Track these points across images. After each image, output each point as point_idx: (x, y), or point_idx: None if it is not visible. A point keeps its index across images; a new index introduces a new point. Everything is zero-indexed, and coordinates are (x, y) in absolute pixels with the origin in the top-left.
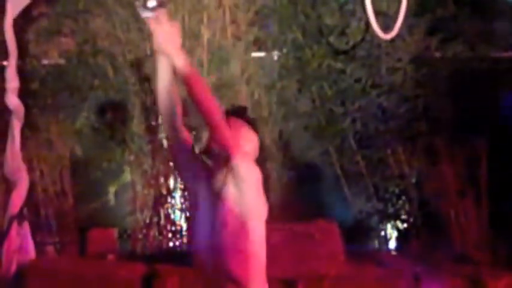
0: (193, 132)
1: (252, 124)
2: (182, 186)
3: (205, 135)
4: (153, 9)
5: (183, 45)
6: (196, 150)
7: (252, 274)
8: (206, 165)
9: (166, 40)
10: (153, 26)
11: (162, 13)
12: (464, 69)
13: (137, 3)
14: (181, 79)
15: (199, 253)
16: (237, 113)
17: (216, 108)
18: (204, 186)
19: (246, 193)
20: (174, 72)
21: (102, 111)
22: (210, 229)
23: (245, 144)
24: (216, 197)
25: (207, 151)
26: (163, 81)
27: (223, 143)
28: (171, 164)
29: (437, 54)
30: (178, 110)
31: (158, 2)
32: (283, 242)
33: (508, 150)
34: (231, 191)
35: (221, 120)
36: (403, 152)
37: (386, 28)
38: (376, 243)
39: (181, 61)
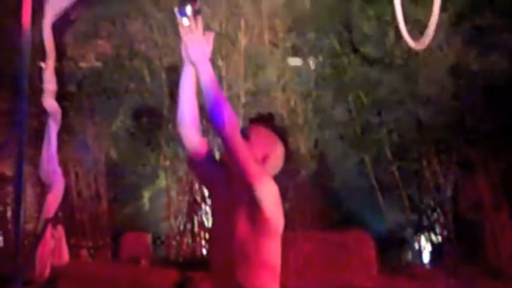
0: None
1: (279, 132)
2: None
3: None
4: (188, 15)
5: (220, 51)
6: (216, 157)
7: (261, 285)
8: (225, 171)
9: (196, 49)
10: (185, 33)
11: (197, 21)
12: (502, 81)
13: (175, 9)
14: (205, 96)
15: (213, 259)
16: (262, 120)
17: (240, 141)
18: (222, 192)
19: (262, 211)
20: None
21: (138, 115)
22: (223, 236)
23: (268, 156)
24: (232, 204)
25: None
26: (187, 91)
27: (248, 178)
28: None
29: (475, 66)
30: (197, 119)
31: (194, 9)
32: (316, 251)
33: None
34: (246, 205)
35: (246, 155)
36: (438, 164)
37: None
38: (409, 256)
39: (207, 74)
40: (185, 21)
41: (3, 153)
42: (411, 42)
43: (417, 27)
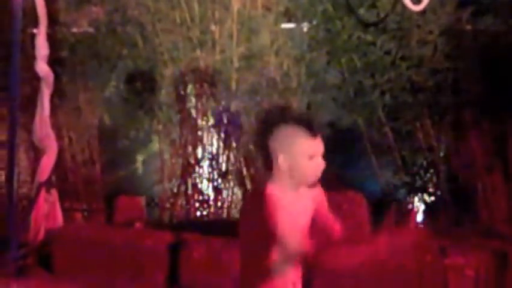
0: None
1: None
2: (210, 156)
3: None
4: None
5: (213, 16)
6: None
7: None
8: None
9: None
10: None
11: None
12: (495, 42)
13: None
14: None
15: None
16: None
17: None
18: None
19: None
20: None
21: (131, 81)
22: None
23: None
24: None
25: None
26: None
27: None
28: (199, 134)
29: (468, 27)
30: None
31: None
32: None
33: None
34: None
35: None
36: (431, 126)
37: (417, 0)
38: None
39: None
40: None
41: None
42: (410, 4)
43: None
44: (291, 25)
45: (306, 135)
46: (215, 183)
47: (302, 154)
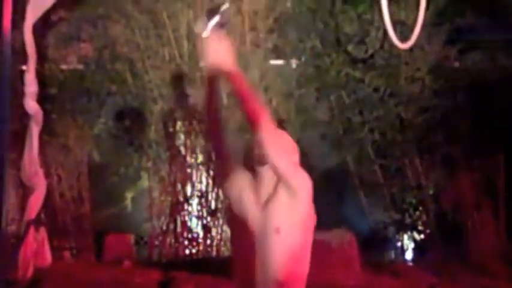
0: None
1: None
2: (199, 194)
3: (255, 145)
4: (212, 28)
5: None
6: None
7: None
8: (254, 176)
9: (219, 57)
10: (207, 44)
11: (220, 33)
12: (483, 79)
13: (198, 22)
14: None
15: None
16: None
17: (253, 95)
18: (250, 200)
19: (298, 205)
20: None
21: (120, 117)
22: (257, 243)
23: (292, 154)
24: (263, 209)
25: (260, 160)
26: (215, 101)
27: (253, 117)
28: (189, 171)
29: (456, 64)
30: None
31: (220, 22)
32: None
33: None
34: (280, 203)
35: (255, 100)
36: (420, 163)
37: (405, 38)
38: (392, 254)
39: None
40: (206, 33)
41: None
42: (397, 42)
43: (397, 27)
44: (279, 61)
45: None
46: (204, 221)
47: None
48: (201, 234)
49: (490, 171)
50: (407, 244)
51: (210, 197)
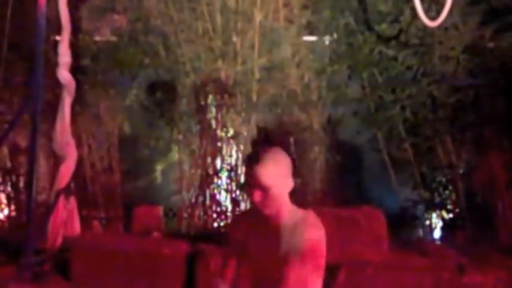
0: None
1: (284, 145)
2: (229, 168)
3: None
4: None
5: (236, 27)
6: None
7: None
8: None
9: None
10: None
11: None
12: None
13: None
14: None
15: None
16: (273, 143)
17: None
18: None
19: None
20: None
21: (152, 90)
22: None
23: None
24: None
25: None
26: None
27: None
28: (219, 145)
29: (491, 45)
30: None
31: None
32: (327, 227)
33: None
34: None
35: None
36: (451, 142)
37: (439, 16)
38: (421, 233)
39: None
40: None
41: (17, 125)
42: (426, 21)
43: (434, 6)
44: (312, 38)
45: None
46: (233, 195)
47: None
48: (230, 207)
49: None
50: (436, 223)
51: (239, 171)
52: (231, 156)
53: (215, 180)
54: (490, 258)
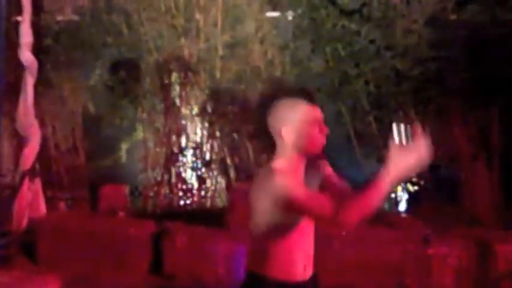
0: None
1: (307, 97)
2: (194, 145)
3: None
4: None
5: (198, 3)
6: None
7: None
8: None
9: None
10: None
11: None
12: (480, 32)
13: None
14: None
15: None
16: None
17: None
18: None
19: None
20: None
21: (116, 69)
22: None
23: None
24: None
25: None
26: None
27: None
28: (183, 122)
29: (453, 17)
30: None
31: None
32: None
33: None
34: None
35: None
36: (415, 115)
37: None
38: (386, 205)
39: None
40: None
41: None
42: None
43: None
44: (275, 13)
45: (305, 104)
46: (199, 172)
47: (305, 121)
48: (196, 185)
49: (484, 123)
50: (401, 196)
51: (204, 149)
52: (195, 134)
53: (180, 158)
54: (454, 229)
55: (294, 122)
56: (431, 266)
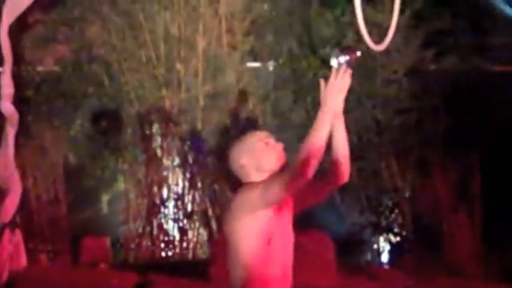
0: None
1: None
2: (175, 197)
3: None
4: (340, 64)
5: (179, 54)
6: None
7: None
8: None
9: (335, 93)
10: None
11: (346, 71)
12: (459, 82)
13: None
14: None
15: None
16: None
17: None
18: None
19: None
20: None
21: (97, 119)
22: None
23: None
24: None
25: None
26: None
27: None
28: (165, 173)
29: (433, 67)
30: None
31: (348, 61)
32: None
33: (501, 164)
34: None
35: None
36: (396, 165)
37: (382, 40)
38: (368, 256)
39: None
40: (334, 63)
41: None
42: (372, 44)
43: (375, 30)
44: (256, 64)
45: (251, 131)
46: (180, 224)
47: (257, 141)
48: (178, 236)
49: (465, 174)
50: (383, 246)
51: (186, 200)
52: (177, 185)
53: (162, 209)
54: (437, 279)
55: (248, 149)
56: None
